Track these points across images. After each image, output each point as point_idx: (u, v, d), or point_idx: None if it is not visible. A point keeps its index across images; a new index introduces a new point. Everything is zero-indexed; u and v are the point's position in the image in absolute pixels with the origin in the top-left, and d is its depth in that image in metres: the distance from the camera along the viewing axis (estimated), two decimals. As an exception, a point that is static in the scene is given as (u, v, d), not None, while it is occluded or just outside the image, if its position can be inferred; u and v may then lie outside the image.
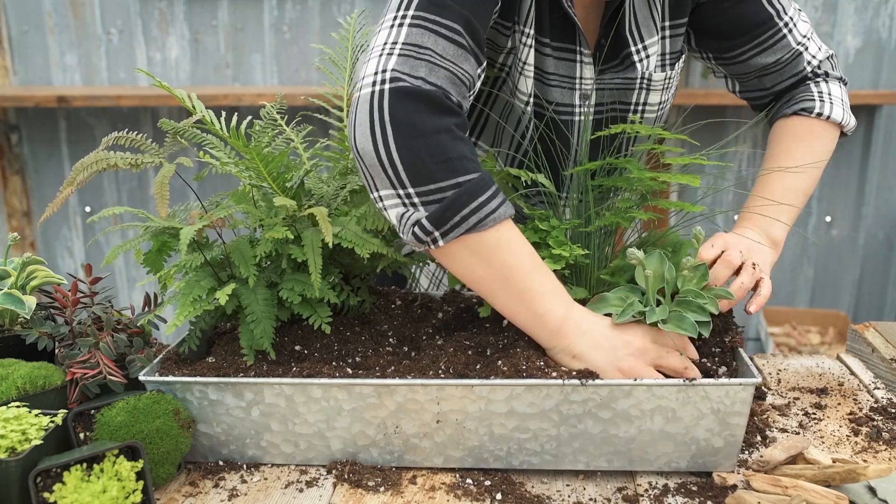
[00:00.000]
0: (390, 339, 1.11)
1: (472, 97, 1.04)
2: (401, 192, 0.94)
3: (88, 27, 3.27)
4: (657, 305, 1.01)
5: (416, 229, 0.94)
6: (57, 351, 1.07)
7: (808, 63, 1.27)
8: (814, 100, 1.26)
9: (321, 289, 1.03)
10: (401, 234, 0.97)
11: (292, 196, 1.08)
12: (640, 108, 1.26)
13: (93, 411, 0.96)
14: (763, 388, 1.24)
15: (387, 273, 1.16)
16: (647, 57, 1.22)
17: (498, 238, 0.96)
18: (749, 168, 3.27)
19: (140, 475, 0.88)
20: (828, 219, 3.33)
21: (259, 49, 3.26)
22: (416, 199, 0.94)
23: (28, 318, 1.10)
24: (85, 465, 0.85)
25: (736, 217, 1.28)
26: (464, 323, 1.17)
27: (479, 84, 1.04)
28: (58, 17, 3.26)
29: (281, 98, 1.19)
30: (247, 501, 0.96)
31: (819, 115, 1.24)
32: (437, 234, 0.94)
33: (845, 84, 1.31)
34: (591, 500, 0.95)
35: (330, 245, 0.97)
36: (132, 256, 1.02)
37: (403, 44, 0.97)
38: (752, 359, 1.37)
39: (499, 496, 0.96)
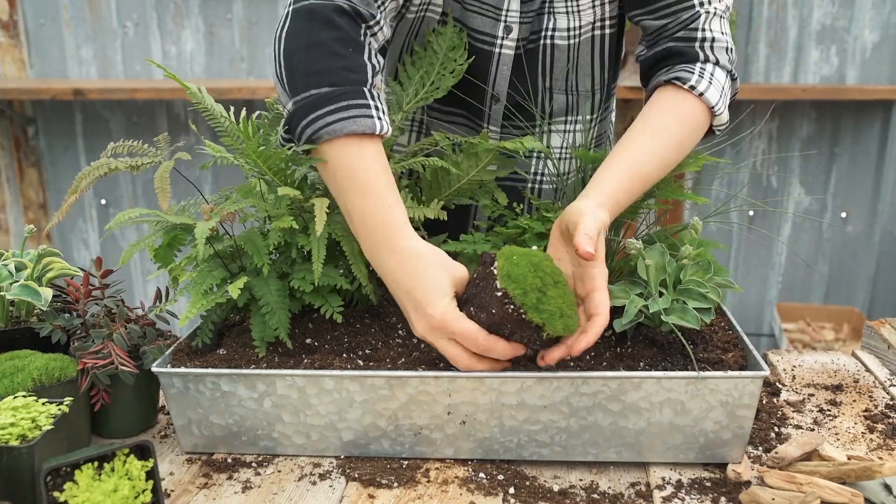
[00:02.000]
0: (400, 331, 1.11)
1: (385, 5, 1.10)
2: (288, 98, 1.02)
3: (104, 20, 3.28)
4: (660, 296, 1.01)
5: (281, 134, 1.04)
6: (71, 343, 1.08)
7: (702, 31, 1.15)
8: (693, 72, 1.12)
9: (333, 276, 1.03)
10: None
11: (297, 188, 1.08)
12: (549, 34, 1.23)
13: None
14: (777, 384, 1.24)
15: None
16: None
17: (342, 150, 0.99)
18: (765, 158, 3.25)
19: (150, 474, 0.88)
20: (843, 215, 3.30)
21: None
22: (290, 106, 1.02)
23: (44, 309, 1.11)
24: (95, 463, 0.85)
25: (751, 212, 1.27)
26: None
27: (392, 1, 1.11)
28: (74, 11, 3.28)
29: None
30: (260, 494, 0.97)
31: (692, 87, 1.11)
32: (293, 139, 1.02)
33: (734, 80, 1.18)
34: (603, 494, 0.95)
35: (317, 234, 0.97)
36: (146, 250, 1.03)
37: None
38: (764, 354, 1.36)
39: (511, 490, 0.96)
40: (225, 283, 1.06)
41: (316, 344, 1.08)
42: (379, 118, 1.00)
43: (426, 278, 0.96)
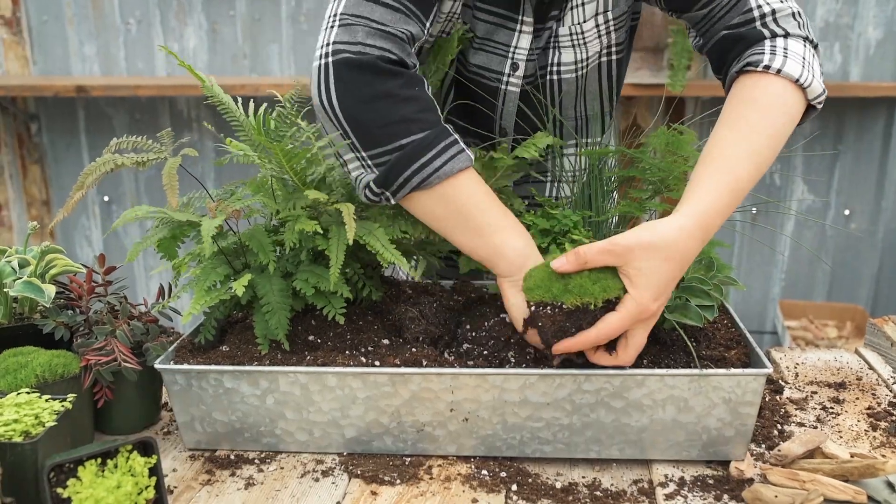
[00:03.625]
0: (402, 329, 1.11)
1: (419, 46, 1.09)
2: (356, 154, 1.01)
3: (107, 17, 3.29)
4: None
5: (367, 192, 1.02)
6: (74, 340, 1.08)
7: (757, 7, 1.08)
8: (763, 52, 1.04)
9: (336, 283, 1.03)
10: (357, 193, 1.04)
11: (315, 188, 1.08)
12: (555, 69, 1.22)
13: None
14: (780, 381, 1.23)
15: None
16: (583, 5, 1.17)
17: (451, 188, 1.00)
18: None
19: (153, 471, 0.88)
20: (846, 212, 3.30)
21: (276, 39, 3.26)
22: (369, 162, 1.00)
23: (48, 306, 1.11)
24: (98, 460, 0.85)
25: (754, 210, 1.25)
26: (475, 311, 1.16)
27: (424, 38, 1.08)
28: (77, 8, 3.28)
29: (298, 85, 1.19)
30: (263, 490, 0.97)
31: (767, 67, 1.02)
32: (387, 193, 1.00)
33: (815, 47, 1.09)
34: (606, 491, 0.95)
35: (350, 243, 0.98)
36: (150, 248, 1.03)
37: (342, 14, 1.02)
38: (767, 352, 1.36)
39: (514, 487, 0.96)
40: (228, 280, 1.06)
41: (319, 341, 1.08)
42: (466, 147, 1.01)
43: None
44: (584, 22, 1.18)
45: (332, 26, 1.02)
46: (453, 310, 1.16)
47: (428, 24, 1.07)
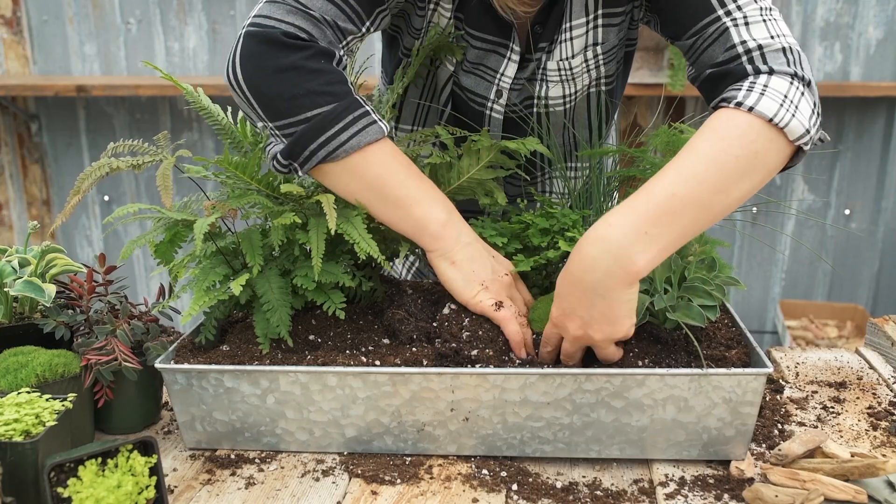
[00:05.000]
0: (403, 328, 1.11)
1: (351, 41, 1.08)
2: (265, 124, 1.02)
3: (107, 17, 3.29)
4: (665, 293, 1.01)
5: (275, 162, 1.02)
6: (75, 339, 1.08)
7: (741, 44, 1.01)
8: (739, 89, 0.97)
9: (335, 273, 1.03)
10: (267, 164, 1.04)
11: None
12: (543, 102, 1.22)
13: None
14: (781, 381, 1.23)
15: None
16: (571, 40, 1.16)
17: (363, 161, 1.00)
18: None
19: (153, 470, 0.88)
20: (847, 212, 3.30)
21: (276, 39, 3.26)
22: (277, 132, 1.01)
23: (48, 306, 1.11)
24: (99, 459, 0.85)
25: (755, 209, 1.24)
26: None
27: (356, 39, 1.08)
28: (77, 7, 3.28)
29: None
30: (263, 490, 0.97)
31: (739, 104, 0.94)
32: (295, 164, 1.00)
33: (807, 84, 0.99)
34: (606, 491, 0.95)
35: (332, 233, 0.98)
36: (149, 247, 1.03)
37: None
38: (767, 352, 1.36)
39: (514, 487, 0.96)
40: (227, 279, 1.06)
41: (319, 340, 1.08)
42: (380, 120, 1.01)
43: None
44: (573, 57, 1.18)
45: (259, 3, 1.03)
46: (437, 302, 1.16)
47: (368, 23, 1.08)
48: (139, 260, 3.54)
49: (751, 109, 0.93)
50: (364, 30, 1.08)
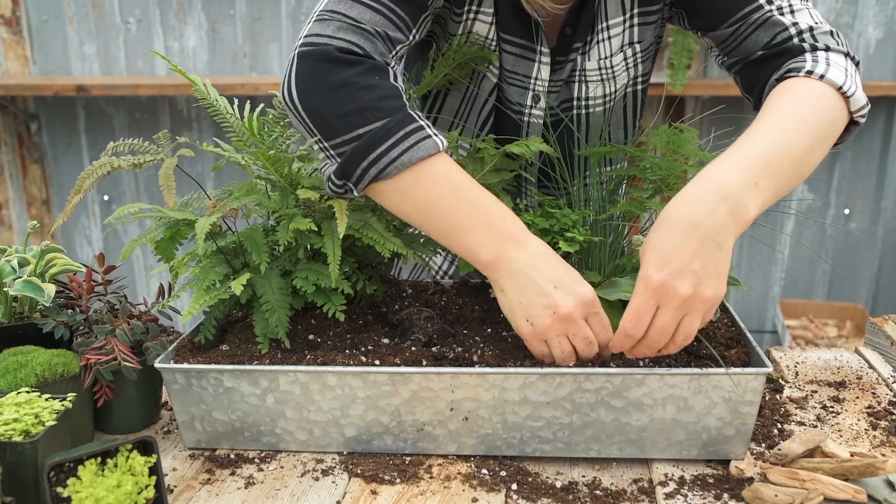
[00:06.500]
0: (402, 327, 1.11)
1: (399, 50, 1.05)
2: (321, 145, 0.99)
3: (107, 17, 3.28)
4: None
5: (329, 183, 0.99)
6: (74, 339, 1.08)
7: (793, 25, 1.06)
8: (804, 61, 1.01)
9: (336, 279, 1.03)
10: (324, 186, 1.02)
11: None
12: (583, 103, 1.22)
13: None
14: (780, 381, 1.23)
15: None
16: (609, 39, 1.17)
17: (413, 179, 0.96)
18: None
19: (153, 470, 0.88)
20: (846, 211, 3.30)
21: (276, 39, 3.26)
22: (331, 152, 0.98)
23: (47, 305, 1.11)
24: (98, 459, 0.85)
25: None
26: (476, 310, 1.16)
27: (410, 41, 1.06)
28: (77, 7, 3.28)
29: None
30: (263, 489, 0.97)
31: (809, 73, 0.99)
32: (348, 185, 0.98)
33: (856, 64, 1.06)
34: (606, 490, 0.95)
35: (340, 235, 0.98)
36: (149, 246, 1.03)
37: (321, 11, 1.02)
38: (767, 351, 1.36)
39: (514, 486, 0.96)
40: (228, 279, 1.06)
41: (319, 340, 1.08)
42: (436, 134, 0.97)
43: (559, 259, 0.97)
44: (613, 56, 1.18)
45: (309, 22, 1.02)
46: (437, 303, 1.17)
47: (415, 30, 1.06)
48: (139, 260, 3.54)
49: (822, 77, 0.98)
50: (411, 38, 1.06)
